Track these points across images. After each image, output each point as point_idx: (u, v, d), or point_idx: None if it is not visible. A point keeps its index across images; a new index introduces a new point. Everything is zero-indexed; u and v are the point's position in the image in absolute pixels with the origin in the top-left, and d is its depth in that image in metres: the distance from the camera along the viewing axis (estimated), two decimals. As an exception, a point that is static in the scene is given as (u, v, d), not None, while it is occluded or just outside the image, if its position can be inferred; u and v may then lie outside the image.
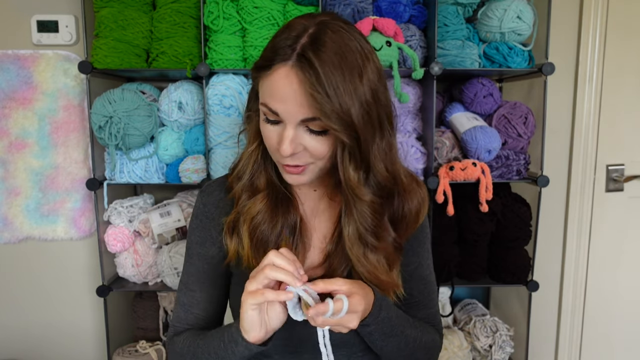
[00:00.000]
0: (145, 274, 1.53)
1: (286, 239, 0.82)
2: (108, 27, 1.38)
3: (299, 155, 0.73)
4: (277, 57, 0.69)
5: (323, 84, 0.65)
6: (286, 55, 0.68)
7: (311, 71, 0.65)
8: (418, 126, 1.53)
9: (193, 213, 0.89)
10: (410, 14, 1.45)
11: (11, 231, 1.66)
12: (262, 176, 0.83)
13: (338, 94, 0.65)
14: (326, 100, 0.65)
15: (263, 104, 0.72)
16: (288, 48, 0.68)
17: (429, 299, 0.91)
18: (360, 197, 0.75)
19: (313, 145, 0.71)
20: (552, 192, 1.73)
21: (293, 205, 0.83)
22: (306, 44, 0.67)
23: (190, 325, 0.88)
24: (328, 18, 0.72)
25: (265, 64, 0.70)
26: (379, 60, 0.75)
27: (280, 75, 0.68)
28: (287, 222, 0.82)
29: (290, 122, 0.70)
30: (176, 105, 1.43)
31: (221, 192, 0.88)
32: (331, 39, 0.68)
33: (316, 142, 0.71)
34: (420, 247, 0.89)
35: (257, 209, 0.81)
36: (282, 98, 0.69)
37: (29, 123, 1.62)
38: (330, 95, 0.65)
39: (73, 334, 1.76)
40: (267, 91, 0.71)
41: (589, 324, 1.84)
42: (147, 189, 1.70)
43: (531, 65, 1.46)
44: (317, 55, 0.66)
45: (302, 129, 0.71)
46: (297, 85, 0.67)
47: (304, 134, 0.71)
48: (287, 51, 0.68)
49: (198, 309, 0.87)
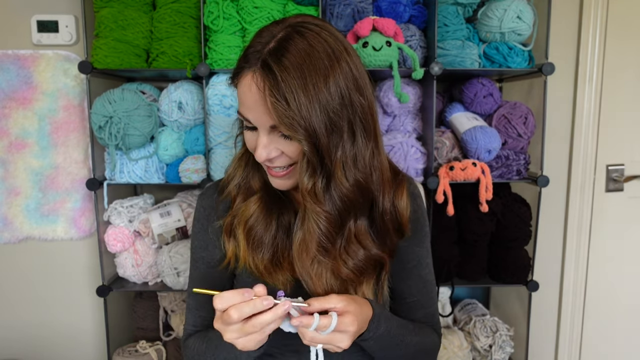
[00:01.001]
0: (145, 274, 1.53)
1: (282, 241, 0.81)
2: (108, 27, 1.38)
3: (278, 158, 0.73)
4: (245, 65, 0.68)
5: (281, 90, 0.63)
6: (252, 62, 0.67)
7: (271, 77, 0.64)
8: (418, 126, 1.53)
9: (194, 217, 0.90)
10: (410, 14, 1.45)
11: (11, 231, 1.66)
12: (256, 178, 0.83)
13: (298, 100, 0.64)
14: (284, 107, 0.64)
15: (238, 111, 0.73)
16: (256, 53, 0.67)
17: (427, 298, 0.91)
18: (311, 207, 0.72)
19: (288, 149, 0.71)
20: (552, 192, 1.73)
21: (287, 206, 0.83)
22: (271, 50, 0.66)
23: (198, 328, 0.89)
24: (299, 20, 0.70)
25: (235, 72, 0.71)
26: (358, 61, 0.72)
27: (245, 82, 0.68)
28: (281, 223, 0.82)
29: (261, 128, 0.70)
30: (176, 105, 1.43)
31: (218, 196, 0.88)
32: (296, 43, 0.66)
33: (290, 146, 0.71)
34: (419, 245, 0.89)
35: (250, 211, 0.81)
36: (249, 106, 0.69)
37: (29, 123, 1.62)
38: (289, 101, 0.63)
39: (73, 333, 1.76)
40: (239, 99, 0.71)
41: (589, 324, 1.84)
42: (147, 189, 1.70)
43: (531, 65, 1.46)
44: (278, 61, 0.64)
45: (275, 133, 0.70)
46: (257, 93, 0.66)
47: (277, 138, 0.71)
48: (254, 57, 0.67)
49: (204, 311, 0.88)
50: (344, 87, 0.67)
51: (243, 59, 0.70)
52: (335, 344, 0.68)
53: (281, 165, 0.74)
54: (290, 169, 0.74)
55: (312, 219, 0.73)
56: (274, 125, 0.68)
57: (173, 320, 1.66)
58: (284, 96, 0.64)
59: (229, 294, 0.65)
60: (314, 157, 0.68)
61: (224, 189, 0.86)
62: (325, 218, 0.72)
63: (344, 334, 0.68)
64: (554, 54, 1.46)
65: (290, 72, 0.64)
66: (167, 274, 1.47)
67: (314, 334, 0.67)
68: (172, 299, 1.64)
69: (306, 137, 0.66)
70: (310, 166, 0.69)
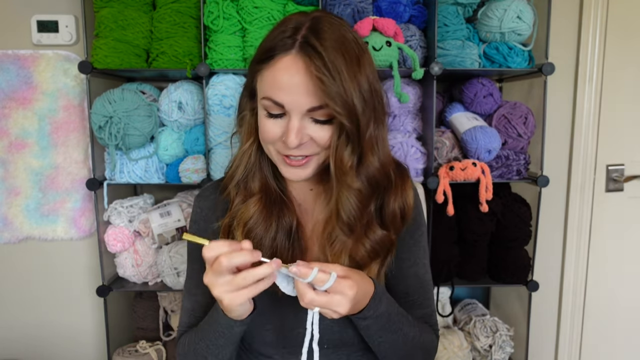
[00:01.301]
0: (145, 274, 1.53)
1: (282, 243, 0.81)
2: (108, 27, 1.38)
3: (305, 145, 0.73)
4: (278, 49, 0.69)
5: (329, 67, 0.66)
6: (287, 46, 0.68)
7: (316, 56, 0.66)
8: (418, 126, 1.53)
9: (191, 218, 0.89)
10: (410, 14, 1.45)
11: (11, 231, 1.66)
12: (256, 178, 0.82)
13: (342, 78, 0.67)
14: (332, 83, 0.66)
15: (266, 97, 0.71)
16: (288, 39, 0.69)
17: (424, 298, 0.90)
18: (349, 182, 0.74)
19: (318, 134, 0.72)
20: (552, 192, 1.73)
21: (288, 208, 0.83)
22: (306, 34, 0.68)
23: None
24: (321, 14, 0.73)
25: (267, 56, 0.70)
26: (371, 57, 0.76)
27: (284, 65, 0.69)
28: (282, 225, 0.81)
29: (295, 112, 0.70)
30: (176, 105, 1.43)
31: (217, 196, 0.87)
32: (329, 29, 0.69)
33: (321, 131, 0.72)
34: (415, 245, 0.88)
35: (250, 212, 0.80)
36: (288, 88, 0.69)
37: (29, 123, 1.62)
38: (335, 78, 0.66)
39: (73, 333, 1.76)
40: (269, 84, 0.71)
41: (589, 324, 1.84)
42: (147, 189, 1.70)
43: (531, 65, 1.46)
44: (319, 41, 0.67)
45: (306, 119, 0.71)
46: (303, 72, 0.67)
47: (309, 124, 0.72)
48: (287, 42, 0.69)
49: (200, 313, 0.87)
50: (370, 74, 0.72)
51: (271, 44, 0.70)
52: (333, 307, 0.67)
53: (308, 153, 0.74)
54: (308, 159, 0.75)
55: (344, 195, 0.75)
56: (312, 108, 0.69)
57: (173, 320, 1.66)
58: (330, 73, 0.66)
59: (218, 243, 0.66)
60: (353, 133, 0.71)
61: (227, 186, 0.85)
62: (355, 196, 0.76)
63: (342, 297, 0.67)
64: (554, 54, 1.46)
65: (332, 51, 0.67)
66: (167, 274, 1.48)
67: (313, 296, 0.66)
68: (172, 299, 1.64)
69: (347, 115, 0.68)
70: (350, 143, 0.72)
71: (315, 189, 0.86)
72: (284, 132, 0.72)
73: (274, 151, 0.76)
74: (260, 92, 0.73)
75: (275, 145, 0.75)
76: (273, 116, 0.72)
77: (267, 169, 0.83)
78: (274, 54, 0.69)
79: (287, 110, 0.70)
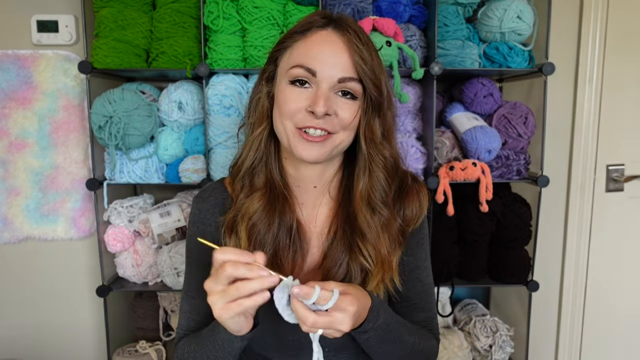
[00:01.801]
0: (145, 274, 1.53)
1: (283, 240, 0.81)
2: (108, 27, 1.38)
3: (329, 119, 0.75)
4: (313, 24, 0.76)
5: (364, 44, 0.74)
6: (322, 24, 0.76)
7: (352, 33, 0.74)
8: (418, 126, 1.53)
9: (189, 220, 0.89)
10: (410, 14, 1.45)
11: (11, 231, 1.66)
12: (261, 173, 0.83)
13: (373, 57, 0.75)
14: (366, 56, 0.73)
15: (298, 65, 0.74)
16: (320, 20, 0.76)
17: (426, 301, 0.90)
18: (380, 150, 0.80)
19: (342, 109, 0.75)
20: (552, 192, 1.73)
21: (290, 206, 0.83)
22: (338, 18, 0.76)
23: (191, 332, 0.87)
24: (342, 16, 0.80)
25: (304, 29, 0.76)
26: None
27: (321, 36, 0.75)
28: (283, 223, 0.81)
29: (326, 81, 0.74)
30: (176, 105, 1.43)
31: (217, 197, 0.87)
32: (352, 22, 0.77)
33: (345, 106, 0.76)
34: (418, 248, 0.88)
35: (254, 207, 0.80)
36: (322, 57, 0.74)
37: (29, 123, 1.62)
38: (369, 53, 0.74)
39: (73, 334, 1.76)
40: (303, 53, 0.75)
41: (589, 324, 1.84)
42: (147, 189, 1.70)
43: (531, 65, 1.46)
44: (354, 25, 0.76)
45: (333, 92, 0.75)
46: (339, 44, 0.74)
47: (335, 97, 0.75)
48: (320, 22, 0.76)
49: (198, 316, 0.86)
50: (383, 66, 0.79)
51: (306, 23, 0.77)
52: (335, 326, 0.66)
53: (329, 128, 0.75)
54: (326, 137, 0.76)
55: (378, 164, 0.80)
56: (343, 78, 0.74)
57: (173, 320, 1.66)
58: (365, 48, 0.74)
59: (233, 249, 0.65)
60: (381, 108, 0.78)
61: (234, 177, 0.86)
62: (383, 166, 0.81)
63: (344, 314, 0.66)
64: (554, 54, 1.46)
65: (362, 35, 0.75)
66: (167, 274, 1.48)
67: (315, 318, 0.64)
68: (172, 299, 1.64)
69: (376, 88, 0.75)
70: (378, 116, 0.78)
71: (319, 187, 0.86)
72: (308, 103, 0.74)
73: (292, 127, 0.76)
74: (288, 64, 0.76)
75: (294, 118, 0.75)
76: (299, 85, 0.75)
77: (274, 163, 0.84)
78: (308, 27, 0.76)
79: (317, 79, 0.74)
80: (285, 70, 0.76)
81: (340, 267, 0.80)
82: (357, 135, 0.80)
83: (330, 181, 0.86)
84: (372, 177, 0.80)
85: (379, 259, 0.78)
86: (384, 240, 0.80)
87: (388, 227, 0.81)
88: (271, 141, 0.83)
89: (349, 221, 0.81)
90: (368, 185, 0.80)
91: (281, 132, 0.78)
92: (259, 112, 0.81)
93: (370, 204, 0.80)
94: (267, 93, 0.81)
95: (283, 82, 0.76)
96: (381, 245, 0.79)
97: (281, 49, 0.78)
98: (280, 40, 0.79)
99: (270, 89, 0.80)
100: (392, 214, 0.82)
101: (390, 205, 0.82)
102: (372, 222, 0.79)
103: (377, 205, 0.80)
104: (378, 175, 0.80)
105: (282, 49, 0.78)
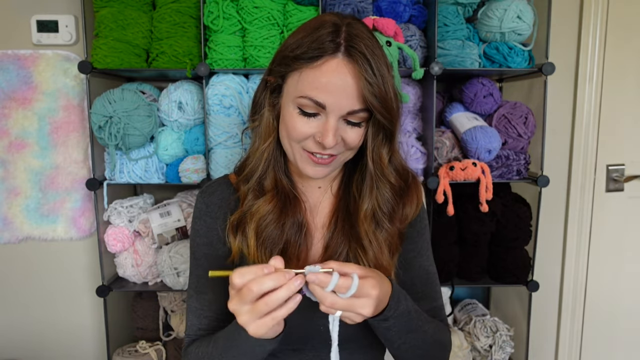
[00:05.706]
0: (145, 274, 1.53)
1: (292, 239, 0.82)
2: (108, 27, 1.38)
3: (336, 146, 0.75)
4: (324, 51, 0.70)
5: (375, 72, 0.69)
6: (333, 49, 0.70)
7: (364, 60, 0.69)
8: (418, 126, 1.53)
9: (195, 215, 0.88)
10: (410, 13, 1.45)
11: (11, 231, 1.66)
12: (269, 176, 0.83)
13: (384, 80, 0.71)
14: (377, 86, 0.70)
15: (306, 97, 0.71)
16: (331, 42, 0.70)
17: (433, 290, 0.89)
18: (387, 176, 0.80)
19: (349, 135, 0.75)
20: (552, 192, 1.73)
21: (299, 205, 0.84)
22: (348, 37, 0.70)
23: (204, 331, 0.84)
24: (351, 19, 0.75)
25: (311, 56, 0.71)
26: None
27: (331, 67, 0.70)
28: (293, 222, 0.82)
29: (335, 113, 0.72)
30: (176, 105, 1.43)
31: (223, 192, 0.87)
32: (364, 34, 0.72)
33: (353, 133, 0.75)
34: (419, 236, 0.89)
35: (266, 209, 0.81)
36: (333, 90, 0.70)
37: (29, 123, 1.62)
38: (380, 81, 0.70)
39: (73, 334, 1.76)
40: (311, 84, 0.71)
41: (589, 324, 1.84)
42: (147, 189, 1.70)
43: (531, 65, 1.46)
44: (364, 46, 0.70)
45: (341, 120, 0.74)
46: (350, 75, 0.70)
47: (343, 125, 0.74)
48: (331, 45, 0.70)
49: (210, 311, 0.84)
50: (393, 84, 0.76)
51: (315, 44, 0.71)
52: (356, 309, 0.63)
53: (335, 152, 0.76)
54: (333, 158, 0.77)
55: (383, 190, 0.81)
56: (353, 111, 0.72)
57: (173, 320, 1.66)
58: (376, 78, 0.70)
59: (249, 268, 0.62)
60: (390, 134, 0.77)
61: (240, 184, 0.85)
62: (390, 188, 0.82)
63: (365, 299, 0.63)
64: (554, 54, 1.46)
65: (374, 56, 0.70)
66: (167, 274, 1.47)
67: (334, 298, 0.62)
68: (172, 299, 1.64)
69: (388, 116, 0.74)
70: (387, 142, 0.79)
71: (323, 187, 0.88)
72: (315, 131, 0.73)
73: (299, 149, 0.77)
74: (295, 91, 0.73)
75: (302, 143, 0.76)
76: (307, 115, 0.73)
77: (281, 166, 0.84)
78: (319, 54, 0.70)
79: (326, 111, 0.72)
80: (293, 96, 0.73)
81: (340, 256, 0.81)
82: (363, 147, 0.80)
83: (333, 180, 0.88)
84: (377, 198, 0.81)
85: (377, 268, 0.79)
86: (385, 250, 0.81)
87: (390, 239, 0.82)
88: (277, 148, 0.83)
89: (348, 215, 0.84)
90: (375, 204, 0.81)
91: (288, 149, 0.79)
92: (264, 126, 0.81)
93: (375, 218, 0.82)
94: (272, 105, 0.80)
95: (291, 106, 0.74)
96: (383, 257, 0.80)
97: (289, 70, 0.74)
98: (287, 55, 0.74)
99: (275, 101, 0.79)
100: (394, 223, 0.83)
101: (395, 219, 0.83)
102: (373, 236, 0.81)
103: (380, 219, 0.82)
104: (383, 195, 0.82)
105: (287, 69, 0.74)
